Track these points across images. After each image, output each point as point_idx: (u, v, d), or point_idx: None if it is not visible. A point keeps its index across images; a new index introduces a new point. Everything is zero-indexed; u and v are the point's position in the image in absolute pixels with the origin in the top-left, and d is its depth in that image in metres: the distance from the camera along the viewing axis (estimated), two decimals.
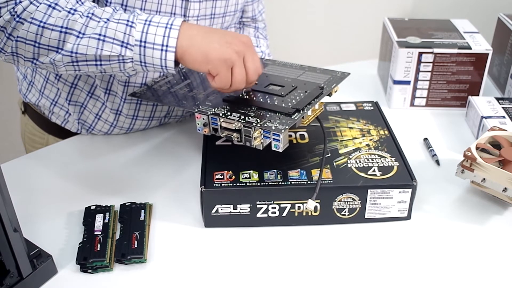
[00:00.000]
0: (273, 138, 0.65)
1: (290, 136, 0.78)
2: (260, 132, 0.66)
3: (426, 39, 0.98)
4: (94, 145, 0.88)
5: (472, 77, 0.97)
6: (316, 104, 0.71)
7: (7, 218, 0.55)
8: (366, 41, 1.52)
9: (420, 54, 0.95)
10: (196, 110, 0.70)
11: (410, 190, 0.69)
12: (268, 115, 0.67)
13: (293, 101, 0.70)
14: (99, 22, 0.65)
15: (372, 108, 0.86)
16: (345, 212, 0.70)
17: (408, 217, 0.71)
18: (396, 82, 0.98)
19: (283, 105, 0.70)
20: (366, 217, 0.71)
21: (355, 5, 1.87)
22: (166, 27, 0.65)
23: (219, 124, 0.68)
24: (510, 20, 1.04)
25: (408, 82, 0.98)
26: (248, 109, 0.69)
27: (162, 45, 0.65)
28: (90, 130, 0.89)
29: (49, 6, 0.65)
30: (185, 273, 0.64)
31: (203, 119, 0.69)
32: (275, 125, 0.65)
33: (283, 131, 0.64)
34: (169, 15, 0.77)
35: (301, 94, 0.72)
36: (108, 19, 0.65)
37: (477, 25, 1.06)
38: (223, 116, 0.67)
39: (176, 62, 0.66)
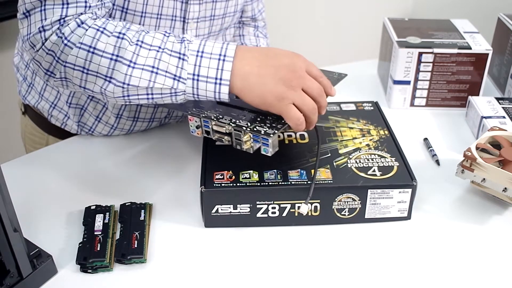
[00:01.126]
0: (262, 143, 0.65)
1: (290, 136, 0.78)
2: (250, 136, 0.66)
3: (426, 39, 0.98)
4: (94, 145, 0.88)
5: (472, 77, 0.97)
6: None
7: (7, 218, 0.55)
8: (366, 41, 1.52)
9: (420, 54, 0.95)
10: (189, 112, 0.70)
11: (410, 190, 0.69)
12: (258, 119, 0.67)
13: None
14: (150, 50, 0.64)
15: (372, 108, 0.86)
16: (345, 212, 0.70)
17: (408, 217, 0.71)
18: (396, 82, 0.98)
19: None
20: (366, 217, 0.71)
21: (355, 5, 1.87)
22: (219, 59, 0.64)
23: (210, 127, 0.68)
24: (510, 20, 1.04)
25: (408, 82, 0.98)
26: (240, 112, 0.69)
27: (216, 79, 0.63)
28: (90, 132, 0.89)
29: (98, 30, 0.64)
30: (185, 273, 0.64)
31: (196, 121, 0.70)
32: (265, 129, 0.65)
33: (271, 135, 0.64)
34: (170, 18, 0.77)
35: None
36: (160, 48, 0.64)
37: (477, 25, 1.06)
38: (215, 119, 0.68)
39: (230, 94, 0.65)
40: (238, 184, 0.68)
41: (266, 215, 0.69)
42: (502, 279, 0.63)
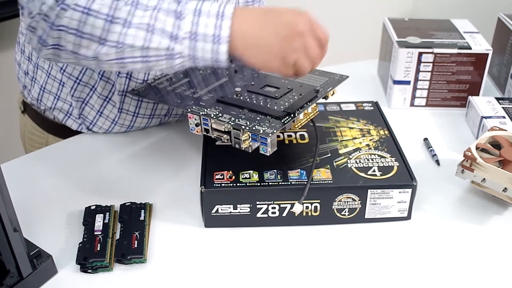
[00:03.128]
0: (261, 142, 0.65)
1: (290, 136, 0.78)
2: (249, 135, 0.66)
3: (426, 39, 0.98)
4: (94, 145, 0.88)
5: (472, 77, 0.97)
6: (309, 107, 0.71)
7: (7, 218, 0.55)
8: (366, 41, 1.52)
9: (420, 54, 0.95)
10: (188, 110, 0.70)
11: (410, 190, 0.69)
12: (258, 118, 0.67)
13: (286, 104, 0.70)
14: (146, 10, 0.62)
15: (372, 108, 0.86)
16: (345, 212, 0.70)
17: (408, 217, 0.71)
18: (396, 82, 0.98)
19: (275, 108, 0.69)
20: (366, 217, 0.71)
21: (355, 5, 1.87)
22: (217, 17, 0.61)
23: (210, 125, 0.68)
24: (510, 20, 1.04)
25: (408, 82, 0.98)
26: (240, 110, 0.69)
27: (214, 36, 0.61)
28: (91, 127, 0.89)
29: None
30: (185, 273, 0.64)
31: (195, 119, 0.70)
32: (263, 129, 0.65)
33: (270, 135, 0.64)
34: None
35: (295, 97, 0.72)
36: (155, 7, 0.62)
37: (477, 25, 1.06)
38: (214, 117, 0.68)
39: (229, 57, 0.63)
40: (238, 184, 0.68)
41: (266, 215, 0.69)
42: (502, 279, 0.63)
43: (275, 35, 0.62)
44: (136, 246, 0.65)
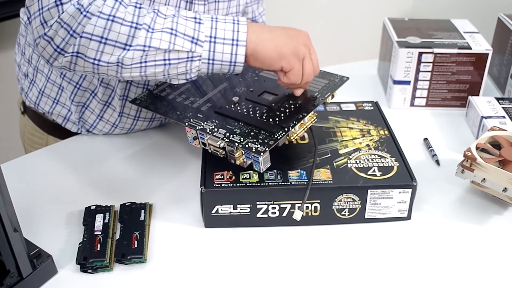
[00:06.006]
0: (254, 160, 0.65)
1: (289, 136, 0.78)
2: (242, 152, 0.66)
3: (426, 39, 0.98)
4: (94, 145, 0.88)
5: (472, 77, 0.97)
6: (306, 117, 0.71)
7: (7, 218, 0.55)
8: (366, 41, 1.52)
9: (420, 54, 0.95)
10: (186, 124, 0.70)
11: (410, 190, 0.69)
12: (252, 133, 0.67)
13: (282, 115, 0.70)
14: (166, 18, 0.65)
15: (372, 108, 0.86)
16: (345, 212, 0.70)
17: (408, 217, 0.71)
18: (396, 82, 0.98)
19: (271, 120, 0.69)
20: (366, 217, 0.71)
21: (355, 5, 1.87)
22: (234, 23, 0.66)
23: (206, 139, 0.68)
24: (510, 20, 1.04)
25: (408, 82, 0.98)
26: (236, 124, 0.69)
27: (233, 40, 0.65)
28: (91, 130, 0.89)
29: (116, 0, 0.64)
30: (185, 273, 0.64)
31: (192, 133, 0.70)
32: (256, 146, 0.65)
33: (262, 153, 0.64)
34: None
35: (292, 107, 0.71)
36: (174, 15, 0.65)
37: (477, 25, 1.06)
38: (210, 133, 0.68)
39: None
40: (238, 184, 0.68)
41: (266, 215, 0.69)
42: (502, 279, 0.63)
43: (284, 34, 0.68)
44: (136, 246, 0.65)
